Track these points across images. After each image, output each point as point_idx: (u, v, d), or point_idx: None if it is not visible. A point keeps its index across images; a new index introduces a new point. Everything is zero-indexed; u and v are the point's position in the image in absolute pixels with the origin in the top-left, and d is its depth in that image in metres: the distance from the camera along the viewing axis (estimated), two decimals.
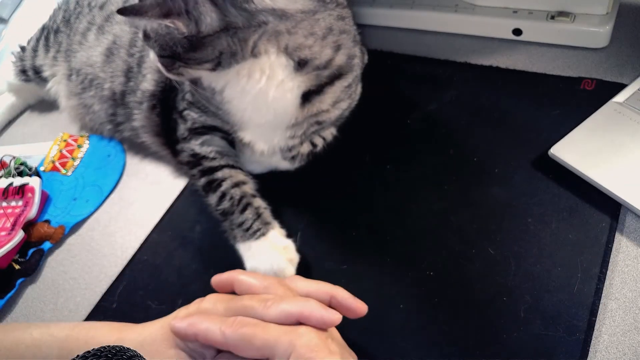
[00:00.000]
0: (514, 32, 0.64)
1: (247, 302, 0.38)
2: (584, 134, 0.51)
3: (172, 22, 0.41)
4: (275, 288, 0.40)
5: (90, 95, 0.68)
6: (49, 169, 0.71)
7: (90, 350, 0.32)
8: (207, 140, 0.57)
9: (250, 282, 0.41)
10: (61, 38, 0.73)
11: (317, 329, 0.36)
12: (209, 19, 0.42)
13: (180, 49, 0.44)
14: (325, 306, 0.37)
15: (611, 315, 0.41)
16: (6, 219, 0.62)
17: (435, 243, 0.49)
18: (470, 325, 0.43)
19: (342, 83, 0.53)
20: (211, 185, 0.54)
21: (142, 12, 0.41)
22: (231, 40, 0.44)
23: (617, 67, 0.58)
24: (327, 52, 0.49)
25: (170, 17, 0.41)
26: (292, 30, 0.45)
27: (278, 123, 0.52)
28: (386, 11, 0.73)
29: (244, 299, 0.39)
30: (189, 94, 0.57)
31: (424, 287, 0.46)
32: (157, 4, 0.41)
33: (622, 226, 0.46)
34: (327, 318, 0.36)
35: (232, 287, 0.42)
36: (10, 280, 0.57)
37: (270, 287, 0.40)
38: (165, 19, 0.41)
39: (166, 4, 0.41)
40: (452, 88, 0.62)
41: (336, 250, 0.51)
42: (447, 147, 0.56)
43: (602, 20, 0.59)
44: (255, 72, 0.47)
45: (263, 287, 0.40)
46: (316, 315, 0.36)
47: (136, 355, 0.33)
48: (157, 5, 0.41)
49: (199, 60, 0.45)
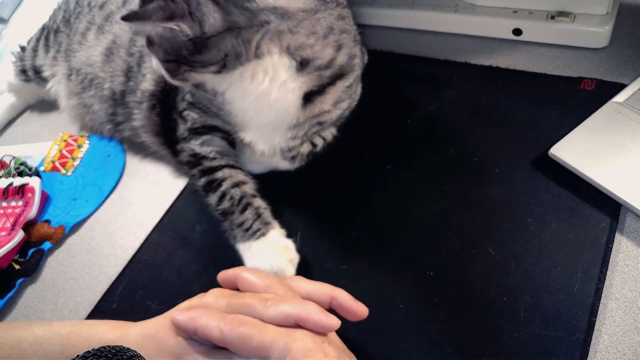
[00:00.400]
0: (514, 32, 0.64)
1: (248, 300, 0.39)
2: (584, 134, 0.51)
3: (177, 25, 0.41)
4: (276, 288, 0.40)
5: (90, 95, 0.68)
6: (49, 169, 0.71)
7: (90, 350, 0.32)
8: (207, 140, 0.57)
9: (252, 280, 0.41)
10: (61, 38, 0.73)
11: (314, 332, 0.36)
12: (212, 19, 0.42)
13: (186, 52, 0.44)
14: (324, 310, 0.37)
15: (611, 315, 0.41)
16: (6, 219, 0.62)
17: (435, 243, 0.49)
18: (470, 325, 0.43)
19: (344, 83, 0.53)
20: (211, 185, 0.54)
21: (147, 17, 0.41)
22: (235, 41, 0.44)
23: (617, 67, 0.58)
24: (328, 52, 0.49)
25: (174, 19, 0.41)
26: (294, 30, 0.45)
27: (280, 124, 0.52)
28: (386, 11, 0.73)
29: (245, 297, 0.39)
30: (189, 94, 0.57)
31: (424, 287, 0.46)
32: (160, 8, 0.41)
33: (622, 226, 0.46)
34: (325, 322, 0.36)
35: (236, 283, 0.42)
36: (10, 280, 0.57)
37: (271, 286, 0.40)
38: (170, 22, 0.41)
39: (169, 6, 0.41)
40: (452, 88, 0.62)
41: (336, 250, 0.51)
42: (447, 147, 0.56)
43: (602, 20, 0.59)
44: (259, 73, 0.47)
45: (264, 286, 0.40)
46: (314, 318, 0.36)
47: (136, 355, 0.33)
48: (160, 9, 0.41)
49: (205, 62, 0.45)
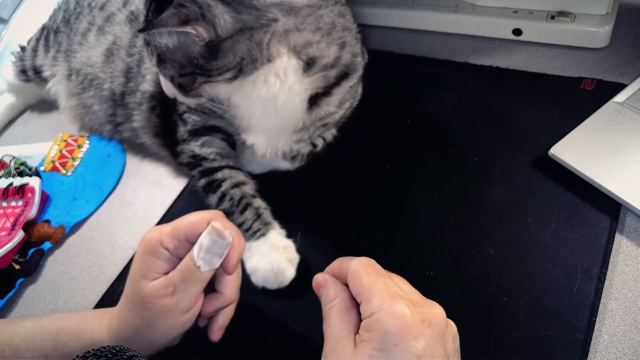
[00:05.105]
0: (514, 32, 0.64)
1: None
2: (584, 134, 0.51)
3: (193, 28, 0.42)
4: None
5: (90, 95, 0.68)
6: (49, 169, 0.71)
7: (90, 351, 0.32)
8: (207, 141, 0.57)
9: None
10: (61, 38, 0.73)
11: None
12: (223, 21, 0.42)
13: (202, 61, 0.44)
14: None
15: (611, 315, 0.41)
16: (6, 219, 0.62)
17: (435, 243, 0.49)
18: (470, 325, 0.43)
19: (348, 83, 0.53)
20: (211, 186, 0.54)
21: (163, 24, 0.42)
22: (249, 44, 0.44)
23: (617, 67, 0.58)
24: (333, 50, 0.49)
25: (190, 23, 0.42)
26: (300, 27, 0.46)
27: (285, 128, 0.53)
28: (386, 11, 0.73)
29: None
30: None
31: (424, 287, 0.46)
32: (174, 14, 0.41)
33: (622, 226, 0.46)
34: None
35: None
36: (10, 280, 0.57)
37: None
38: (186, 26, 0.42)
39: (182, 12, 0.41)
40: (452, 88, 0.62)
41: (336, 250, 0.51)
42: (447, 147, 0.56)
43: (602, 20, 0.59)
44: (271, 77, 0.47)
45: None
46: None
47: (136, 355, 0.33)
48: (175, 15, 0.41)
49: (221, 69, 0.45)
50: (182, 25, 0.42)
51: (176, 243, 0.39)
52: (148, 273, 0.39)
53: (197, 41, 0.43)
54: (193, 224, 0.39)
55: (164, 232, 0.39)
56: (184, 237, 0.39)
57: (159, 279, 0.39)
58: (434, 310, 0.34)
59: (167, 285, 0.38)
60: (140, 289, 0.39)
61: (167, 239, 0.39)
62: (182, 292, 0.38)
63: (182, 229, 0.39)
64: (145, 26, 0.44)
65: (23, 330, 0.42)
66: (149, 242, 0.39)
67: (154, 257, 0.39)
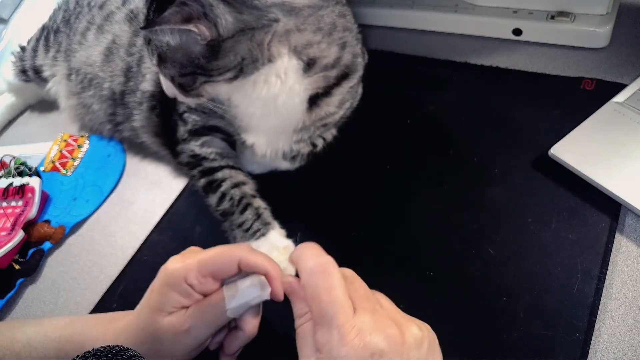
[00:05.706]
0: (514, 32, 0.64)
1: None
2: (584, 134, 0.51)
3: (196, 27, 0.42)
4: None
5: (90, 94, 0.68)
6: (49, 169, 0.71)
7: (90, 351, 0.32)
8: (207, 141, 0.57)
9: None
10: (61, 38, 0.73)
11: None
12: (225, 21, 0.42)
13: (203, 60, 0.44)
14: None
15: (611, 315, 0.41)
16: (6, 219, 0.62)
17: (435, 243, 0.49)
18: (470, 325, 0.43)
19: (349, 83, 0.53)
20: (211, 186, 0.54)
21: (166, 21, 0.42)
22: (250, 44, 0.44)
23: (617, 67, 0.58)
24: (334, 50, 0.49)
25: (192, 21, 0.42)
26: (301, 27, 0.46)
27: (285, 128, 0.53)
28: (386, 11, 0.73)
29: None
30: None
31: (424, 287, 0.46)
32: (177, 12, 0.42)
33: (622, 226, 0.46)
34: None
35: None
36: (10, 280, 0.57)
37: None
38: (188, 24, 0.42)
39: (185, 10, 0.42)
40: (452, 88, 0.62)
41: (336, 250, 0.51)
42: (447, 147, 0.56)
43: (602, 20, 0.59)
44: (271, 77, 0.47)
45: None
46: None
47: (136, 355, 0.33)
48: (177, 12, 0.42)
49: (222, 69, 0.45)
50: (184, 23, 0.42)
51: (201, 280, 0.38)
52: (165, 306, 0.38)
53: (198, 40, 0.43)
54: (222, 265, 0.38)
55: (190, 267, 0.38)
56: (210, 275, 0.38)
57: (175, 313, 0.38)
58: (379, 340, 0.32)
59: (184, 322, 0.37)
60: (155, 322, 0.38)
61: (192, 276, 0.37)
62: (199, 330, 0.38)
63: (209, 267, 0.38)
64: (148, 23, 0.44)
65: (24, 337, 0.41)
66: (173, 275, 0.38)
67: (175, 291, 0.38)
